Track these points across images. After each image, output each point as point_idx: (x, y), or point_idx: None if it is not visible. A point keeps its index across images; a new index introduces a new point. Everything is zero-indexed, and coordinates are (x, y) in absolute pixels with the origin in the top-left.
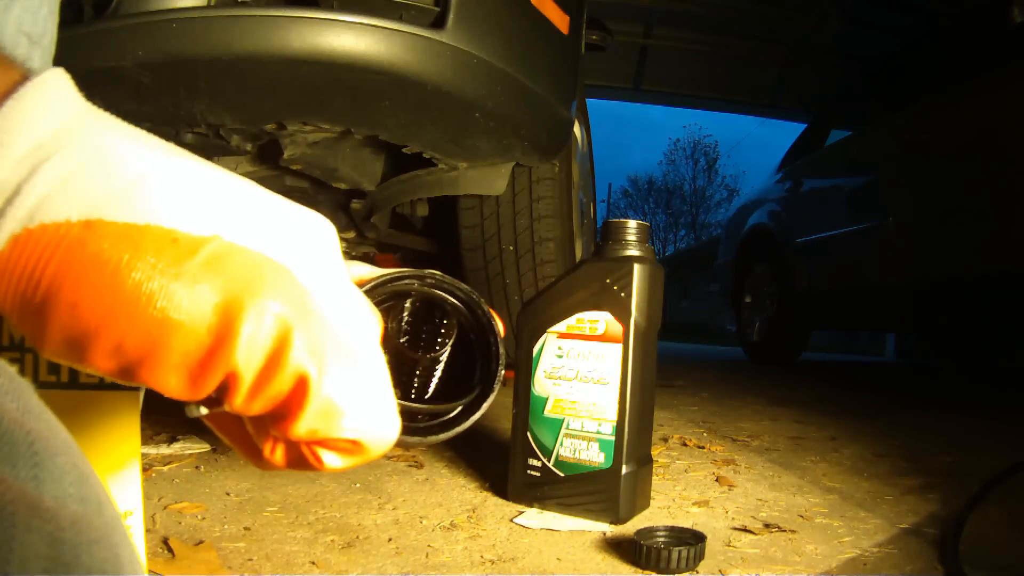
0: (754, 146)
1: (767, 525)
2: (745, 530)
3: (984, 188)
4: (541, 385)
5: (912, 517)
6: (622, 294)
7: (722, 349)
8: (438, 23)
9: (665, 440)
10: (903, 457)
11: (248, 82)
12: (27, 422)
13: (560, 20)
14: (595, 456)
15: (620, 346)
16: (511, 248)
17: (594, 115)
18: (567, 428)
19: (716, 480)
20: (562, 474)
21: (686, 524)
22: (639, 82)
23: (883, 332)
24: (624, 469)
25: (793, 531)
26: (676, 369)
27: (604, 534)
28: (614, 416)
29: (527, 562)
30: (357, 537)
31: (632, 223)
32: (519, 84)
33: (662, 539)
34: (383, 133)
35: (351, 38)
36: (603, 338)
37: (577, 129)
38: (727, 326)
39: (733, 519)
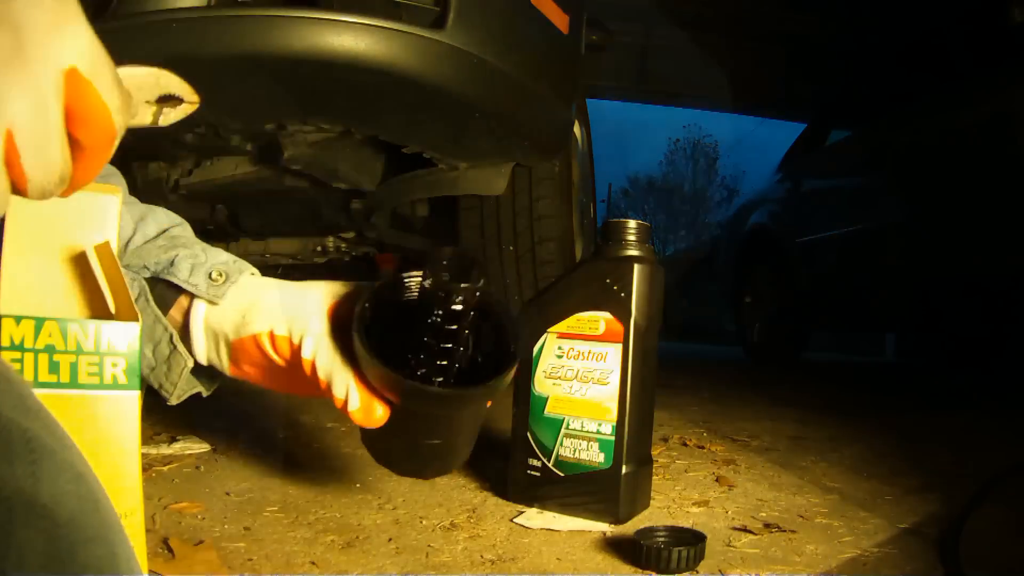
0: (754, 146)
1: (767, 525)
2: (745, 530)
3: (984, 188)
4: (541, 384)
5: (912, 517)
6: (622, 294)
7: (722, 349)
8: (438, 23)
9: (665, 440)
10: (903, 457)
11: (248, 82)
12: (25, 421)
13: (560, 20)
14: (595, 456)
15: (620, 346)
16: (511, 248)
17: (594, 115)
18: (567, 428)
19: (716, 480)
20: (562, 474)
21: (686, 524)
22: (639, 82)
23: (883, 332)
24: (624, 469)
25: (793, 531)
26: (676, 369)
27: (604, 534)
28: (614, 415)
29: (527, 562)
30: (357, 537)
31: (632, 223)
32: (519, 84)
33: (662, 539)
34: (383, 133)
35: (351, 38)
36: (603, 338)
37: (577, 129)
38: (727, 326)
39: (733, 519)
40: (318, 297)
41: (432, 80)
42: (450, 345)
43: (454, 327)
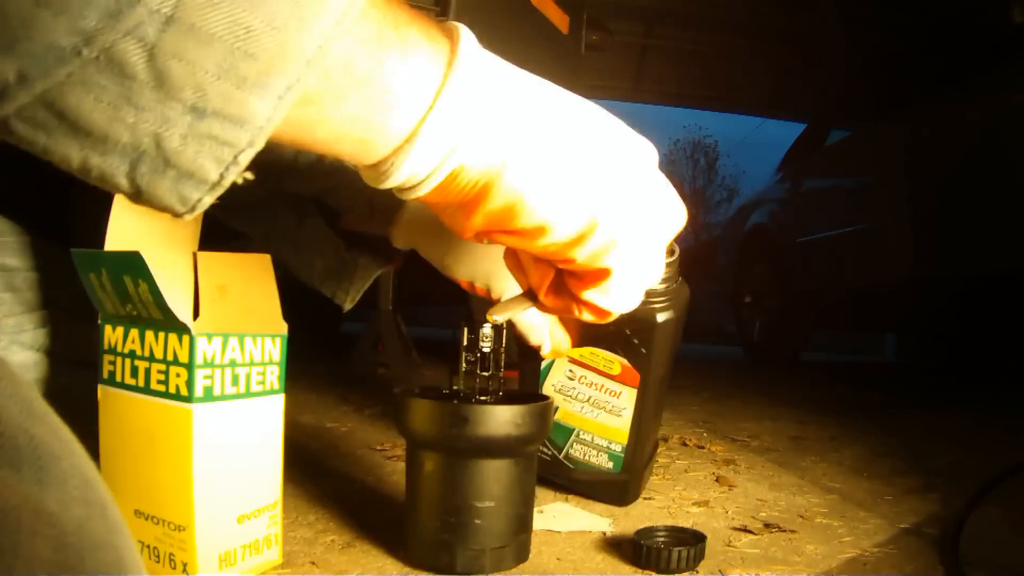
0: (754, 146)
1: (767, 525)
2: (745, 530)
3: (983, 188)
4: (550, 394)
5: (912, 517)
6: (643, 349)
7: (722, 349)
8: None
9: (665, 440)
10: (903, 457)
11: None
12: (31, 426)
13: (560, 20)
14: (604, 463)
15: (635, 391)
16: None
17: None
18: (577, 436)
19: (716, 480)
20: (572, 466)
21: (686, 524)
22: (639, 82)
23: (883, 332)
24: (631, 476)
25: (793, 531)
26: (676, 369)
27: (604, 534)
28: (624, 439)
29: (527, 562)
30: (357, 537)
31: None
32: None
33: (662, 539)
34: None
35: None
36: (619, 378)
37: None
38: (727, 326)
39: (733, 519)
40: None
41: None
42: (488, 371)
43: (488, 349)
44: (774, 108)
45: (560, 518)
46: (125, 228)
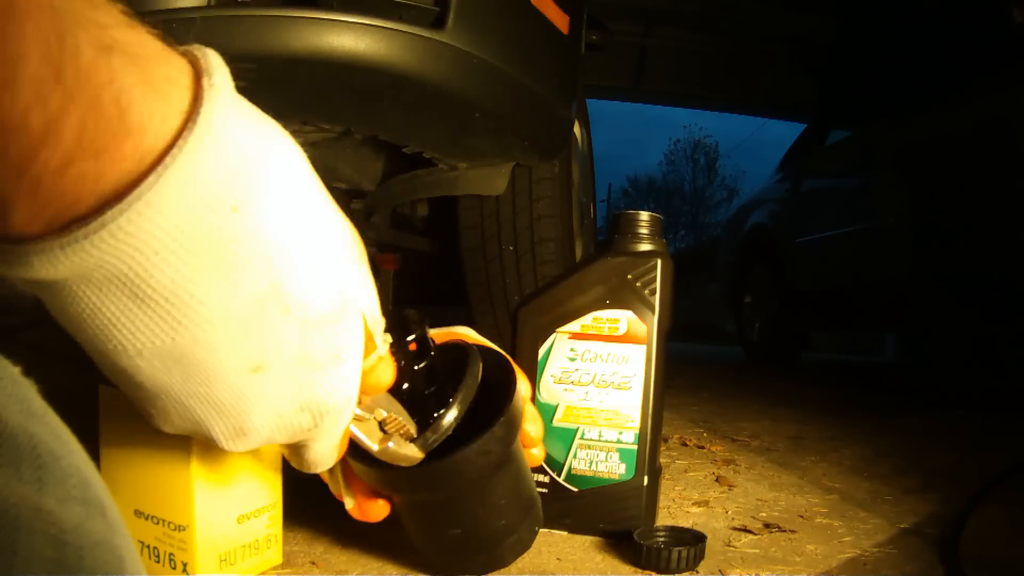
0: (754, 146)
1: (767, 525)
2: (745, 530)
3: (983, 189)
4: (549, 391)
5: (912, 517)
6: (646, 291)
7: (722, 349)
8: (438, 23)
9: (665, 440)
10: (903, 457)
11: (248, 82)
12: (30, 424)
13: (560, 20)
14: (615, 468)
15: (644, 348)
16: (511, 248)
17: (594, 115)
18: (581, 438)
19: (716, 480)
20: (576, 489)
21: (686, 524)
22: (639, 82)
23: (883, 332)
24: (645, 480)
25: (793, 531)
26: (676, 369)
27: (604, 534)
28: (637, 423)
29: (526, 562)
30: (357, 537)
31: (646, 215)
32: (519, 84)
33: (662, 539)
34: (383, 133)
35: (351, 38)
36: (625, 339)
37: (577, 129)
38: (727, 326)
39: (733, 519)
40: None
41: (432, 80)
42: (420, 415)
43: (422, 390)
44: (774, 108)
45: None
46: None
